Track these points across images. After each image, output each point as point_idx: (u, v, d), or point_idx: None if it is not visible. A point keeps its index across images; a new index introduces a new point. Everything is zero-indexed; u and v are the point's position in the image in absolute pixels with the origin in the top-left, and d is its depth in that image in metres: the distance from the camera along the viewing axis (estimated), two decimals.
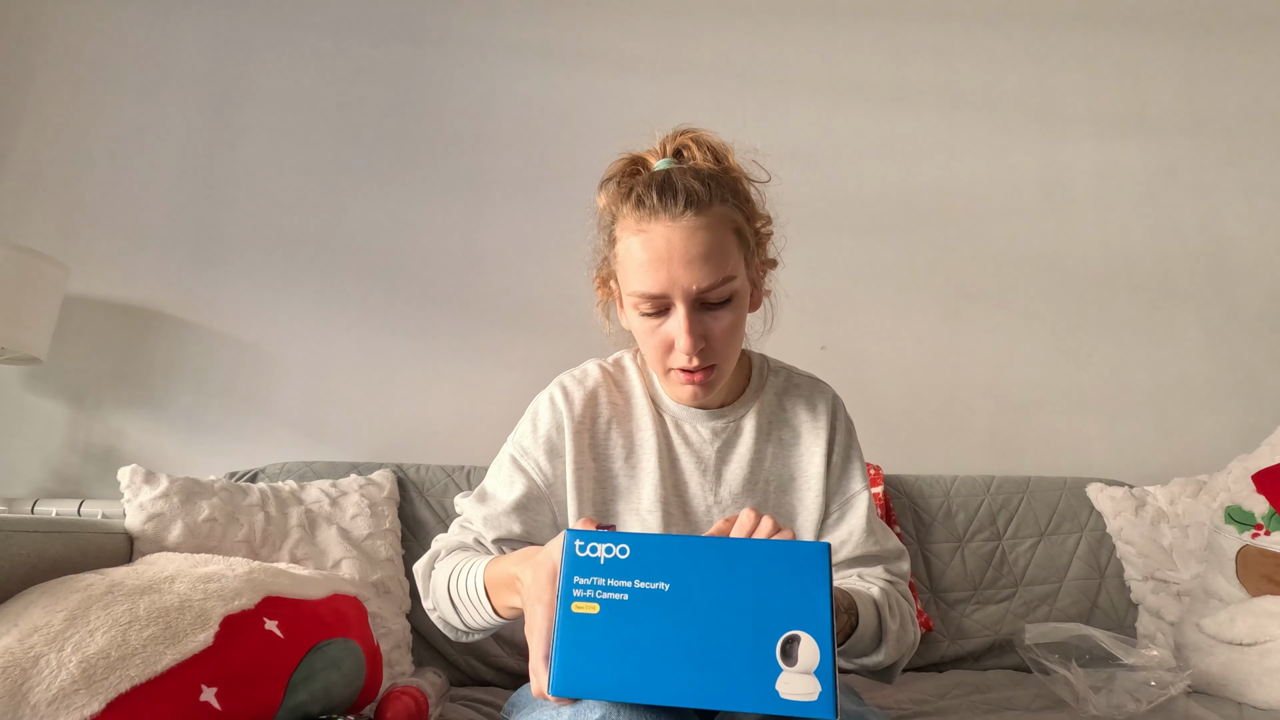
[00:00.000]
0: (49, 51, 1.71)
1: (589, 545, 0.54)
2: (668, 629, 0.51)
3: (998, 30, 1.98)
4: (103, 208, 1.65)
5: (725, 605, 0.52)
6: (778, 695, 0.49)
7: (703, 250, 0.73)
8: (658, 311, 0.76)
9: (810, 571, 0.52)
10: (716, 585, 0.52)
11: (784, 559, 0.52)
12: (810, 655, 0.50)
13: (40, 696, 0.63)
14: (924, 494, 1.52)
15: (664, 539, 0.54)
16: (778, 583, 0.52)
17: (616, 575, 0.53)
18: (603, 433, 0.86)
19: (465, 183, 1.77)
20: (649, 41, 1.89)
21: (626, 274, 0.77)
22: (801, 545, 0.53)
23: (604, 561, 0.53)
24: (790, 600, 0.51)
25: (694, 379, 0.77)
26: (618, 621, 0.52)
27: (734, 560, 0.53)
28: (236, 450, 1.55)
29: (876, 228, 1.84)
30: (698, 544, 0.53)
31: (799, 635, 0.51)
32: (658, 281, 0.73)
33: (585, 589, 0.53)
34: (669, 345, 0.76)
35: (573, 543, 0.54)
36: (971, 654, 1.39)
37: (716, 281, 0.74)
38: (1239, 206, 1.90)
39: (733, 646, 0.51)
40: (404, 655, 1.19)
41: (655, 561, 0.53)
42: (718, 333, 0.76)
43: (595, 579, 0.53)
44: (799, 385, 0.90)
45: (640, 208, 0.75)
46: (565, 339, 1.66)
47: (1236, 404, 1.78)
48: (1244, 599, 1.22)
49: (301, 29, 1.81)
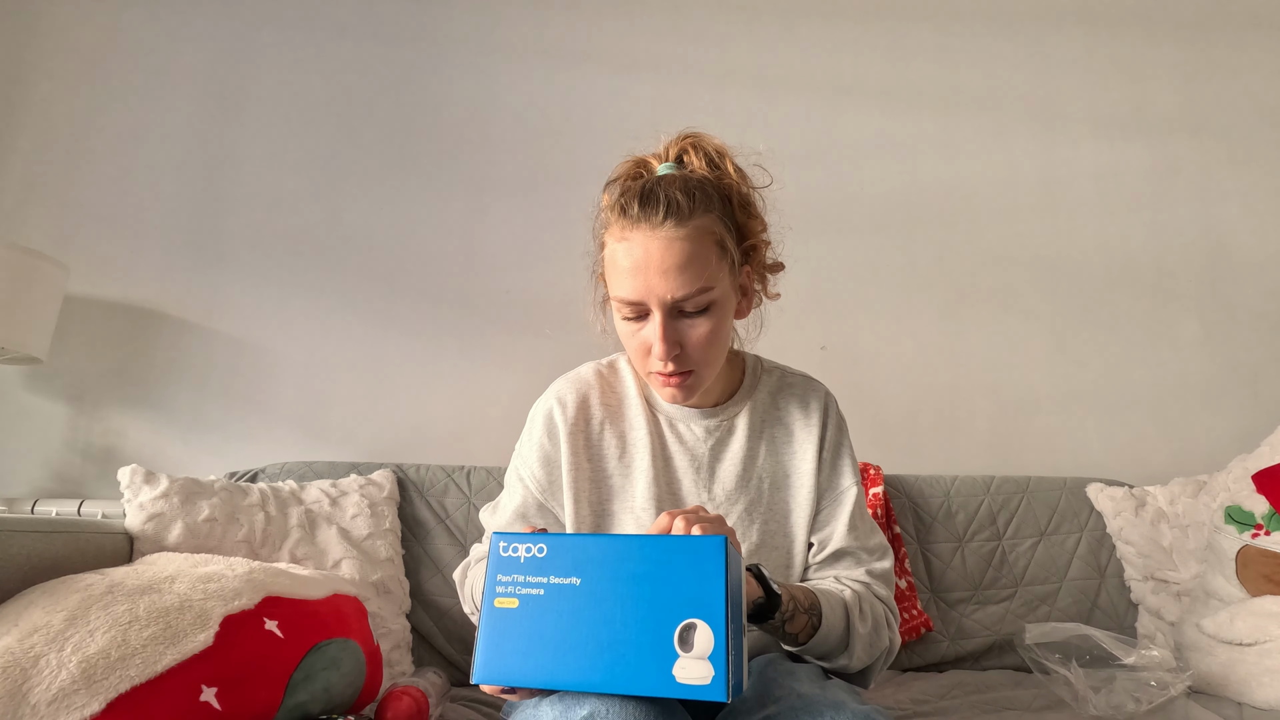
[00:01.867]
0: (49, 51, 1.71)
1: (511, 545, 0.58)
2: (578, 620, 0.56)
3: (998, 30, 1.98)
4: (103, 208, 1.65)
5: (630, 597, 0.55)
6: (674, 679, 0.53)
7: (679, 260, 0.75)
8: (637, 316, 0.79)
9: (705, 563, 0.55)
10: (622, 579, 0.56)
11: (682, 552, 0.56)
12: (705, 641, 0.53)
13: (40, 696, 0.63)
14: (924, 494, 1.52)
15: (577, 538, 0.58)
16: (677, 574, 0.55)
17: (534, 572, 0.57)
18: (596, 434, 0.88)
19: (465, 183, 1.77)
20: (649, 42, 1.89)
21: (610, 278, 0.80)
22: (699, 539, 0.56)
23: (524, 560, 0.58)
24: (687, 590, 0.55)
25: (670, 382, 0.80)
26: (534, 614, 0.56)
27: (638, 555, 0.56)
28: (236, 450, 1.55)
29: (876, 228, 1.84)
30: (607, 541, 0.58)
31: (695, 623, 0.54)
32: (635, 289, 0.76)
33: (507, 585, 0.57)
34: (647, 349, 0.79)
35: (497, 544, 0.59)
36: (971, 654, 1.39)
37: (692, 291, 0.75)
38: (1239, 206, 1.90)
39: (635, 634, 0.55)
40: (404, 655, 1.19)
41: (569, 559, 0.57)
42: (694, 340, 0.78)
43: (516, 576, 0.57)
44: (792, 384, 0.92)
45: (624, 215, 0.77)
46: (565, 339, 1.66)
47: (1236, 404, 1.78)
48: (1244, 599, 1.22)
49: (301, 29, 1.81)
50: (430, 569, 1.31)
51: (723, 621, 0.53)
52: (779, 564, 0.85)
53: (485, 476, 1.41)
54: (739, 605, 0.58)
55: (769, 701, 0.72)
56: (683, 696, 0.53)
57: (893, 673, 1.34)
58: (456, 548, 1.33)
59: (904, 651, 1.37)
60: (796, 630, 0.75)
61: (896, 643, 0.85)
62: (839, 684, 0.75)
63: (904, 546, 1.44)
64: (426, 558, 1.32)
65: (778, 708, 0.69)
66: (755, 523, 0.85)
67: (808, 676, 0.75)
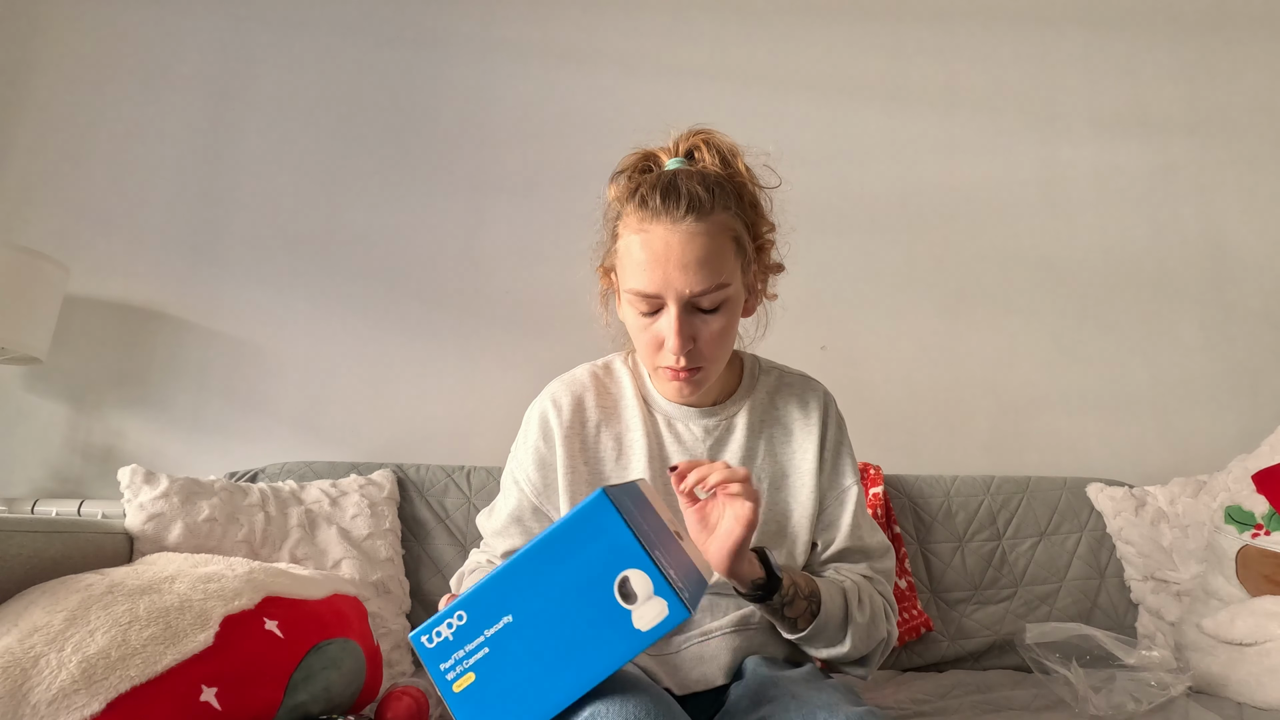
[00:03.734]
0: (49, 51, 1.71)
1: (433, 632, 0.56)
2: (534, 648, 0.56)
3: (998, 30, 1.98)
4: (103, 208, 1.65)
5: (559, 597, 0.56)
6: (640, 631, 0.55)
7: (699, 256, 0.74)
8: (651, 310, 0.78)
9: (599, 520, 0.55)
10: (543, 589, 0.56)
11: (577, 530, 0.56)
12: (643, 583, 0.55)
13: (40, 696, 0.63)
14: (924, 494, 1.52)
15: (483, 585, 0.57)
16: (583, 549, 0.55)
17: (469, 639, 0.56)
18: (592, 436, 0.87)
19: (465, 183, 1.77)
20: (649, 41, 1.89)
21: (625, 270, 0.79)
22: (581, 508, 0.56)
23: (453, 637, 0.56)
24: (601, 555, 0.55)
25: (680, 377, 0.79)
26: (494, 673, 0.56)
27: (543, 560, 0.56)
28: (236, 450, 1.55)
29: (876, 228, 1.84)
30: (510, 570, 0.56)
31: (625, 575, 0.55)
32: (653, 282, 0.75)
33: (454, 667, 0.56)
34: (659, 343, 0.78)
35: (419, 640, 0.57)
36: (972, 654, 1.39)
37: (709, 287, 0.75)
38: (1239, 206, 1.90)
39: (586, 621, 0.55)
40: (404, 655, 1.19)
41: (488, 606, 0.56)
42: (707, 336, 0.78)
43: (456, 654, 0.56)
44: (791, 384, 0.92)
45: (644, 208, 0.76)
46: (565, 339, 1.66)
47: (1236, 404, 1.78)
48: (1244, 599, 1.22)
49: (301, 29, 1.81)
50: (430, 569, 1.31)
51: (645, 558, 0.54)
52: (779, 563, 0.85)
53: (485, 476, 1.41)
54: (657, 529, 0.59)
55: (764, 701, 0.72)
56: (658, 638, 0.55)
57: (893, 673, 1.34)
58: (456, 548, 1.33)
59: (904, 651, 1.37)
60: (796, 615, 0.76)
61: (894, 635, 0.85)
62: (834, 684, 0.75)
63: (904, 546, 1.44)
64: (426, 558, 1.32)
65: (773, 708, 0.69)
66: None
67: (803, 677, 0.75)
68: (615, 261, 0.82)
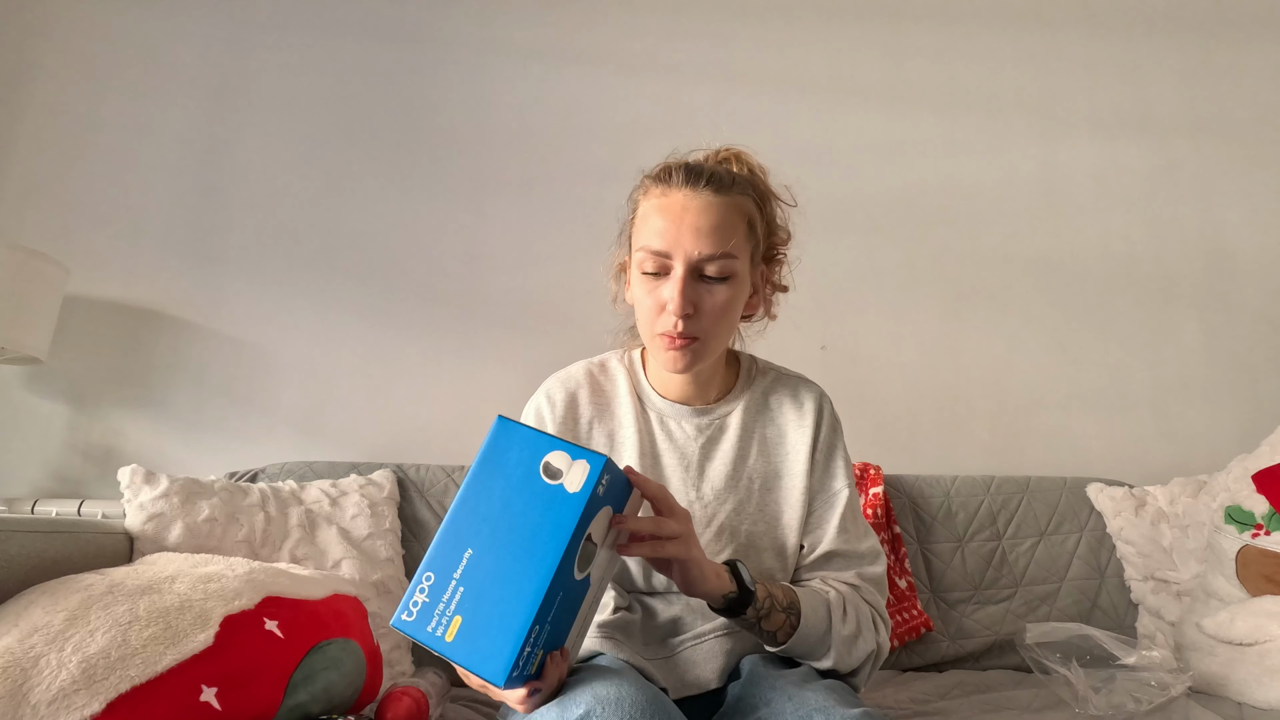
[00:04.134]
0: (49, 51, 1.71)
1: (409, 606, 0.59)
2: (499, 561, 0.59)
3: (998, 30, 1.98)
4: (103, 208, 1.65)
5: (502, 509, 0.61)
6: (575, 494, 0.60)
7: (712, 222, 0.78)
8: (658, 272, 0.80)
9: (506, 434, 0.63)
10: (485, 510, 0.61)
11: (492, 450, 0.63)
12: (561, 458, 0.61)
13: (40, 696, 0.63)
14: (924, 494, 1.52)
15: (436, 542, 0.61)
16: (503, 461, 0.62)
17: (444, 589, 0.59)
18: (585, 431, 0.88)
19: (465, 183, 1.77)
20: (649, 41, 1.89)
21: (640, 233, 0.82)
22: (490, 432, 0.64)
23: (430, 597, 0.59)
24: (517, 457, 0.62)
25: (676, 345, 0.80)
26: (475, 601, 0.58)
27: (476, 489, 0.62)
28: (236, 450, 1.55)
29: (877, 228, 1.84)
30: (453, 515, 0.61)
31: (545, 461, 0.61)
32: (665, 239, 0.78)
33: (439, 623, 0.58)
34: (661, 306, 0.80)
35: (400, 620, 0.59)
36: (972, 654, 1.39)
37: (717, 253, 0.78)
38: (1239, 206, 1.90)
39: (533, 514, 0.60)
40: (404, 655, 1.19)
41: (449, 553, 0.60)
42: (709, 306, 0.79)
43: (437, 610, 0.58)
44: (786, 384, 0.92)
45: (666, 180, 0.81)
46: (565, 339, 1.66)
47: (1236, 404, 1.78)
48: (1244, 599, 1.22)
49: (301, 29, 1.81)
50: None
51: (553, 439, 0.62)
52: (769, 565, 0.85)
53: None
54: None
55: (760, 703, 0.71)
56: (591, 495, 0.60)
57: (893, 673, 1.34)
58: None
59: (904, 651, 1.37)
60: (774, 628, 0.75)
61: (885, 647, 0.83)
62: (830, 684, 0.74)
63: (904, 546, 1.44)
64: None
65: (769, 709, 0.69)
66: (744, 523, 0.85)
67: (799, 678, 0.75)
68: (632, 231, 0.85)
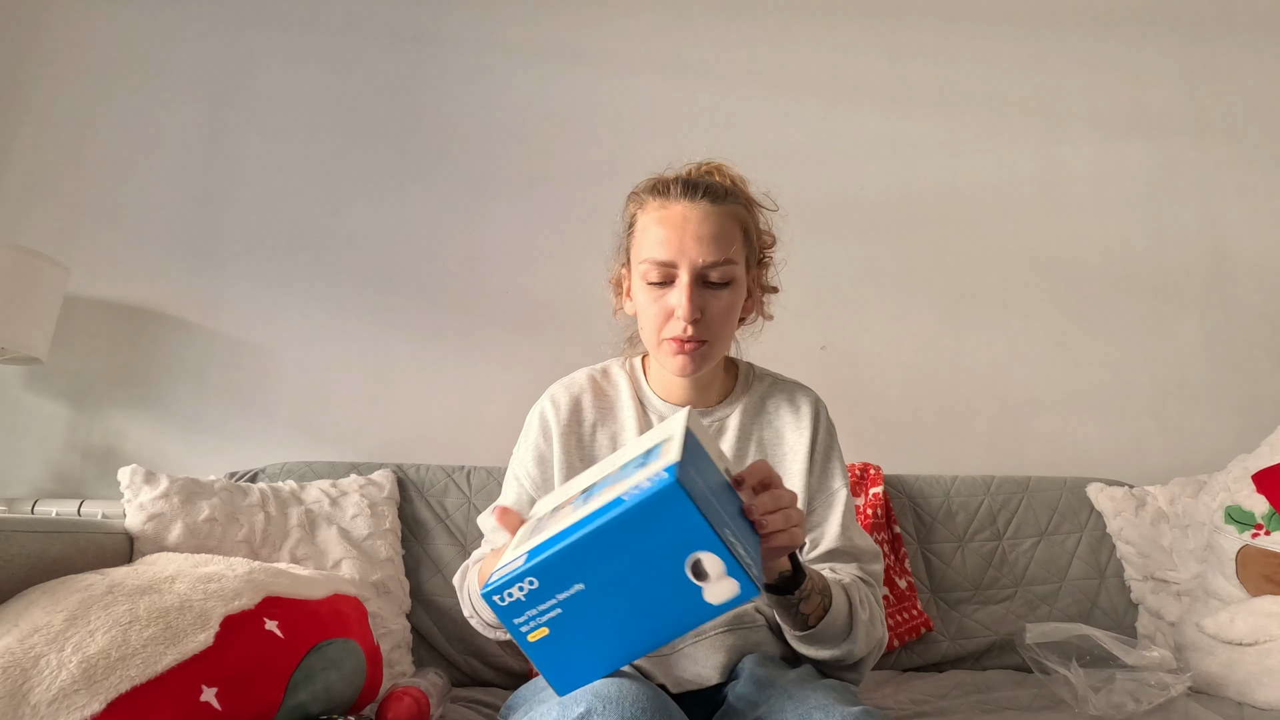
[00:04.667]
0: (49, 51, 1.71)
1: (505, 593, 0.58)
2: (606, 611, 0.58)
3: (998, 30, 1.98)
4: (103, 208, 1.65)
5: (633, 568, 0.57)
6: (711, 605, 0.57)
7: (713, 231, 0.82)
8: (663, 281, 0.83)
9: (672, 505, 0.55)
10: (615, 560, 0.57)
11: (648, 511, 0.55)
12: (715, 565, 0.56)
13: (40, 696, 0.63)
14: (924, 494, 1.52)
15: (556, 558, 0.57)
16: (656, 530, 0.56)
17: (542, 601, 0.58)
18: (589, 435, 0.92)
19: (465, 183, 1.77)
20: (649, 41, 1.89)
21: (641, 246, 0.85)
22: (653, 491, 0.55)
23: (525, 598, 0.58)
24: (673, 536, 0.56)
25: (685, 349, 0.83)
26: (568, 629, 0.59)
27: (613, 537, 0.56)
28: (236, 450, 1.55)
29: (876, 228, 1.84)
30: (579, 545, 0.57)
31: (698, 556, 0.56)
32: (669, 249, 0.82)
33: (526, 623, 0.58)
34: (669, 314, 0.83)
35: (491, 599, 0.59)
36: (972, 654, 1.39)
37: (720, 260, 0.82)
38: (1239, 206, 1.90)
39: (658, 592, 0.57)
40: (404, 655, 1.19)
41: (560, 576, 0.57)
42: (714, 311, 0.83)
43: (529, 613, 0.58)
44: (783, 389, 0.96)
45: (664, 194, 0.85)
46: (565, 339, 1.66)
47: (1236, 404, 1.78)
48: (1244, 599, 1.22)
49: (301, 29, 1.81)
50: (430, 569, 1.31)
51: (718, 543, 0.56)
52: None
53: (485, 476, 1.41)
54: (726, 507, 0.60)
55: (759, 702, 0.72)
56: (727, 612, 0.57)
57: (893, 673, 1.34)
58: (456, 548, 1.33)
59: (904, 651, 1.37)
60: (810, 611, 0.76)
61: (886, 638, 0.87)
62: (830, 684, 0.75)
63: (904, 546, 1.44)
64: (426, 558, 1.32)
65: (769, 708, 0.69)
66: None
67: (800, 677, 0.76)
68: (631, 244, 0.88)
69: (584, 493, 0.64)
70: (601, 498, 0.59)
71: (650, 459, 0.60)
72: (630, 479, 0.59)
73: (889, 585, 1.38)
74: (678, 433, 0.62)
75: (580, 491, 0.66)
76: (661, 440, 0.64)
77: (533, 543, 0.60)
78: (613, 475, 0.64)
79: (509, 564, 0.59)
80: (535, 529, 0.64)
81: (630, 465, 0.63)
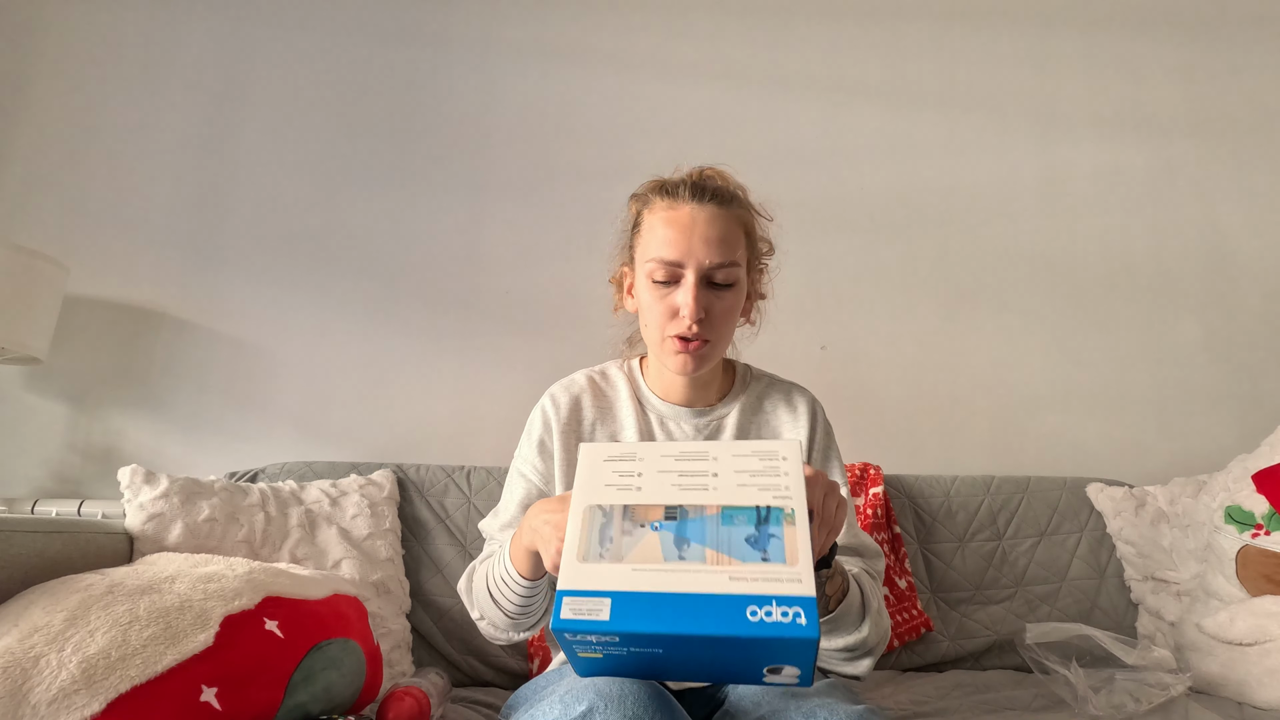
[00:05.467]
0: (49, 51, 1.71)
1: (581, 636, 0.54)
2: (668, 662, 0.58)
3: (998, 30, 1.98)
4: (103, 208, 1.65)
5: (714, 653, 0.55)
6: (765, 683, 0.58)
7: (720, 233, 0.84)
8: (669, 280, 0.84)
9: (800, 647, 0.53)
10: (710, 650, 0.55)
11: (776, 643, 0.52)
12: (791, 673, 0.57)
13: (40, 696, 0.63)
14: (924, 494, 1.52)
15: (649, 636, 0.53)
16: (768, 649, 0.54)
17: (614, 647, 0.56)
18: (588, 433, 0.93)
19: (465, 183, 1.77)
20: (649, 41, 1.89)
21: (647, 246, 0.86)
22: (791, 636, 0.51)
23: (599, 643, 0.55)
24: (779, 655, 0.55)
25: (689, 348, 0.85)
26: (623, 661, 0.58)
27: (726, 642, 0.53)
28: (236, 450, 1.55)
29: (876, 228, 1.84)
30: (685, 636, 0.53)
31: (785, 666, 0.56)
32: (677, 249, 0.83)
33: (586, 647, 0.56)
34: (674, 312, 0.84)
35: (562, 635, 0.55)
36: (972, 654, 1.39)
37: (725, 261, 0.84)
38: (1239, 206, 1.90)
39: (726, 665, 0.57)
40: (404, 655, 1.19)
41: (646, 642, 0.55)
42: (718, 311, 0.85)
43: (593, 646, 0.56)
44: (779, 389, 0.97)
45: (673, 195, 0.86)
46: (565, 339, 1.66)
47: (1236, 404, 1.78)
48: (1244, 599, 1.22)
49: (301, 29, 1.81)
50: (430, 569, 1.31)
51: (810, 666, 0.55)
52: None
53: (485, 476, 1.41)
54: None
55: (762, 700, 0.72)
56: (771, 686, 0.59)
57: (893, 673, 1.34)
58: (456, 548, 1.33)
59: (904, 651, 1.37)
60: (833, 591, 0.76)
61: (890, 631, 0.89)
62: (831, 683, 0.76)
63: (904, 546, 1.44)
64: (426, 558, 1.32)
65: (770, 708, 0.69)
66: None
67: None
68: (636, 243, 0.89)
69: (670, 518, 0.59)
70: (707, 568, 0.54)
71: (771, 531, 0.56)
72: (749, 567, 0.54)
73: (889, 585, 1.39)
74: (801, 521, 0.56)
75: (664, 511, 0.59)
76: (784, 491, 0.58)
77: (615, 582, 0.55)
78: (712, 518, 0.58)
79: (588, 606, 0.54)
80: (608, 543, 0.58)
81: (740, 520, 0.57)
